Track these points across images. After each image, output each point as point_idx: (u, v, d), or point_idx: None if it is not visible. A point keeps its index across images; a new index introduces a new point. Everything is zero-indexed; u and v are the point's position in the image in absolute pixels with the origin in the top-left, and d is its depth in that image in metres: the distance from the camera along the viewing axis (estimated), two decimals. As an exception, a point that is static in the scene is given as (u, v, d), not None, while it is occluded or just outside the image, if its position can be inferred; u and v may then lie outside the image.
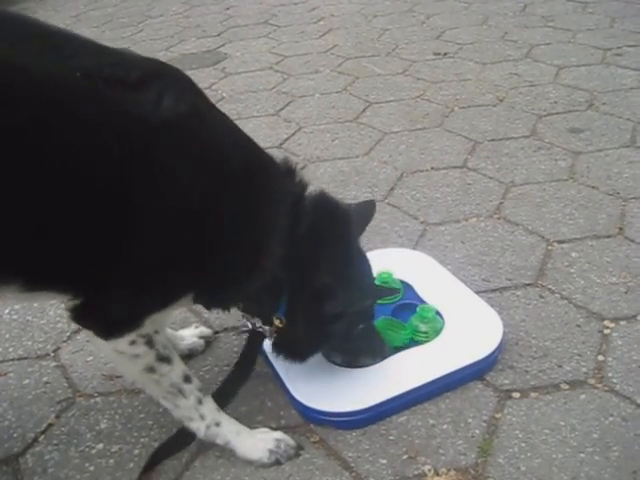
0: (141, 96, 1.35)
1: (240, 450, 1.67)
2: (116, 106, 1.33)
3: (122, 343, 1.50)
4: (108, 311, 1.45)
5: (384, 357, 1.87)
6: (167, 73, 1.48)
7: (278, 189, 1.58)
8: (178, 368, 1.61)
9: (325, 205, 1.69)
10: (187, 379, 1.63)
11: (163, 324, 1.61)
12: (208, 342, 2.08)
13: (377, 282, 1.96)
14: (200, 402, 1.65)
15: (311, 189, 1.68)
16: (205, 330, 2.09)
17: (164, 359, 1.57)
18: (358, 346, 1.84)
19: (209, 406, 1.66)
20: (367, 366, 1.85)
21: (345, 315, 1.70)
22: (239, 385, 1.78)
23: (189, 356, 2.03)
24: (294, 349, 1.76)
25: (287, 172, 1.64)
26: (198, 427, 1.66)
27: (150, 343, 1.53)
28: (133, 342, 1.51)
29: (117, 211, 1.35)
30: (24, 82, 1.26)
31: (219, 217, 1.46)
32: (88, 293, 1.43)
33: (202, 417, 1.65)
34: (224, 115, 1.60)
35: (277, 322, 1.68)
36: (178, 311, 2.13)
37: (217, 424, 1.66)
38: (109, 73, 1.34)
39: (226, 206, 1.47)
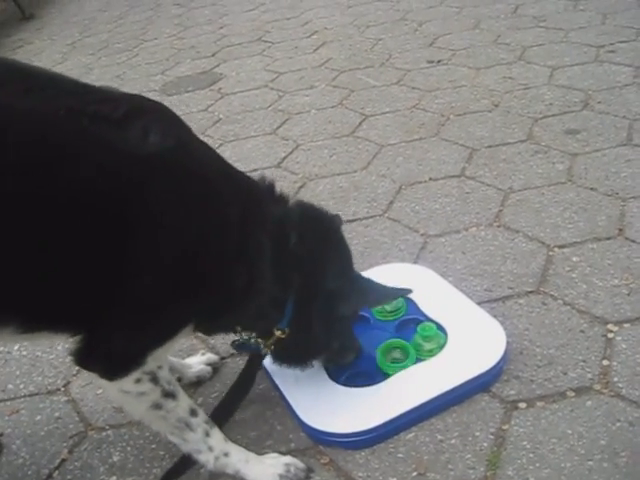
0: (127, 132, 1.37)
1: (250, 478, 1.69)
2: (102, 143, 1.34)
3: (127, 382, 1.51)
4: (110, 351, 1.47)
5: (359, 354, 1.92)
6: (151, 109, 1.51)
7: (262, 209, 1.62)
8: (184, 402, 1.62)
9: (309, 213, 1.74)
10: (193, 412, 1.64)
11: (165, 359, 1.63)
12: (215, 368, 2.09)
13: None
14: (208, 434, 1.66)
15: (292, 201, 1.73)
16: (212, 357, 2.11)
17: (169, 395, 1.58)
18: (343, 344, 1.88)
19: (217, 437, 1.68)
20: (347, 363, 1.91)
21: (354, 315, 1.77)
22: (236, 406, 1.82)
23: (197, 383, 2.05)
24: (297, 355, 1.81)
25: (267, 190, 1.69)
26: (207, 459, 1.67)
27: (155, 380, 1.54)
28: (138, 380, 1.52)
29: (110, 249, 1.36)
30: (7, 124, 1.27)
31: (210, 247, 1.48)
32: (88, 334, 1.45)
33: (211, 449, 1.67)
34: (207, 146, 1.64)
35: (278, 333, 1.71)
36: (183, 340, 2.14)
37: (226, 454, 1.68)
38: (93, 110, 1.35)
39: (216, 235, 1.49)
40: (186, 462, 1.71)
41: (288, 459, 1.72)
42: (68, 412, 2.04)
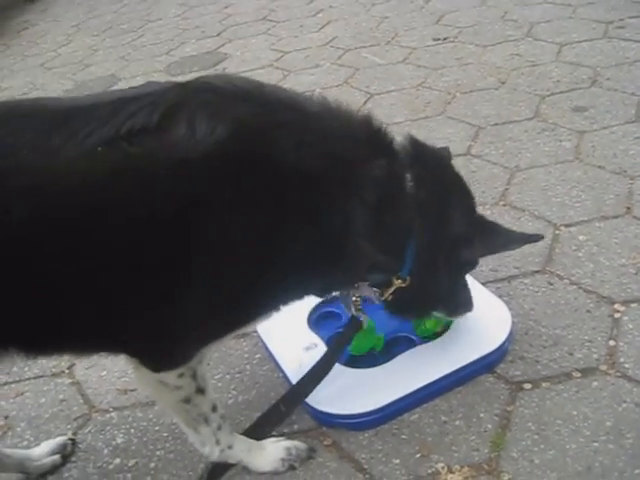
0: (171, 136, 1.28)
1: (253, 466, 1.68)
2: (149, 160, 1.28)
3: (170, 375, 1.49)
4: (167, 346, 1.44)
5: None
6: (188, 97, 1.36)
7: (355, 157, 1.45)
8: (209, 398, 1.59)
9: (421, 149, 1.63)
10: (214, 408, 1.61)
11: (209, 354, 1.60)
12: (219, 349, 2.08)
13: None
14: (220, 428, 1.63)
15: (399, 141, 1.59)
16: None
17: (200, 390, 1.55)
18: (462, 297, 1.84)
19: (226, 431, 1.65)
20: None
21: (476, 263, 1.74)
22: (324, 374, 1.76)
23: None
24: (418, 304, 1.74)
25: (363, 131, 1.52)
26: (212, 451, 1.65)
27: (194, 376, 1.52)
28: (181, 375, 1.49)
29: (184, 259, 1.33)
30: (58, 183, 1.25)
31: (285, 241, 1.40)
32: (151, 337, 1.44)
33: (218, 442, 1.64)
34: (273, 96, 1.46)
35: (398, 282, 1.62)
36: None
37: (230, 447, 1.66)
38: (129, 129, 1.27)
39: (290, 221, 1.39)
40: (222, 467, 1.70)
41: (288, 442, 1.71)
42: (72, 394, 2.04)
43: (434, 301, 1.77)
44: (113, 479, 1.76)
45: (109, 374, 2.08)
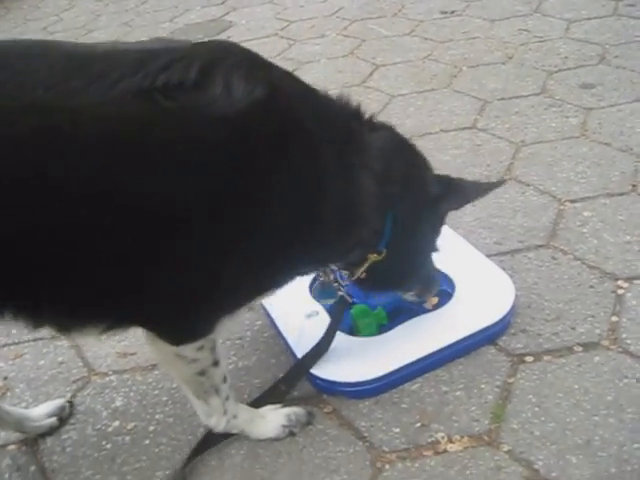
0: (208, 95, 1.23)
1: (255, 434, 1.69)
2: (185, 116, 1.22)
3: (189, 348, 1.46)
4: (185, 322, 1.42)
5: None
6: (222, 55, 1.33)
7: (358, 138, 1.50)
8: (222, 369, 1.58)
9: (386, 125, 1.66)
10: (225, 379, 1.60)
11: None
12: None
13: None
14: (227, 398, 1.62)
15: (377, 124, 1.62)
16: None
17: (216, 363, 1.54)
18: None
19: (232, 400, 1.65)
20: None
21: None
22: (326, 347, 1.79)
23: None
24: (396, 275, 1.76)
25: (355, 113, 1.56)
26: (218, 422, 1.64)
27: (212, 348, 1.50)
28: (200, 347, 1.47)
29: (215, 225, 1.29)
30: (80, 127, 1.16)
31: (317, 206, 1.40)
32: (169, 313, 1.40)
33: (225, 412, 1.63)
34: (289, 76, 1.49)
35: (374, 256, 1.63)
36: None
37: (235, 416, 1.65)
38: (165, 81, 1.21)
39: (323, 186, 1.40)
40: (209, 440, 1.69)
41: (287, 409, 1.71)
42: (71, 357, 2.04)
43: (409, 269, 1.78)
44: (112, 441, 1.75)
45: (108, 337, 2.06)
